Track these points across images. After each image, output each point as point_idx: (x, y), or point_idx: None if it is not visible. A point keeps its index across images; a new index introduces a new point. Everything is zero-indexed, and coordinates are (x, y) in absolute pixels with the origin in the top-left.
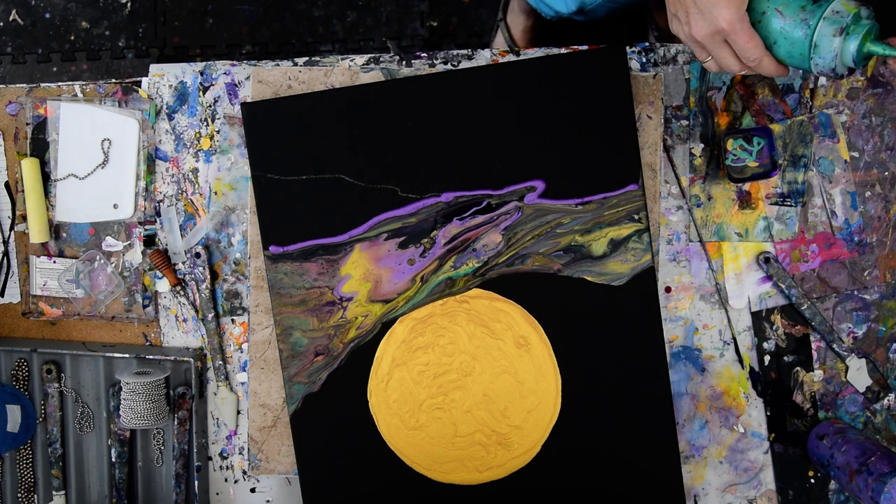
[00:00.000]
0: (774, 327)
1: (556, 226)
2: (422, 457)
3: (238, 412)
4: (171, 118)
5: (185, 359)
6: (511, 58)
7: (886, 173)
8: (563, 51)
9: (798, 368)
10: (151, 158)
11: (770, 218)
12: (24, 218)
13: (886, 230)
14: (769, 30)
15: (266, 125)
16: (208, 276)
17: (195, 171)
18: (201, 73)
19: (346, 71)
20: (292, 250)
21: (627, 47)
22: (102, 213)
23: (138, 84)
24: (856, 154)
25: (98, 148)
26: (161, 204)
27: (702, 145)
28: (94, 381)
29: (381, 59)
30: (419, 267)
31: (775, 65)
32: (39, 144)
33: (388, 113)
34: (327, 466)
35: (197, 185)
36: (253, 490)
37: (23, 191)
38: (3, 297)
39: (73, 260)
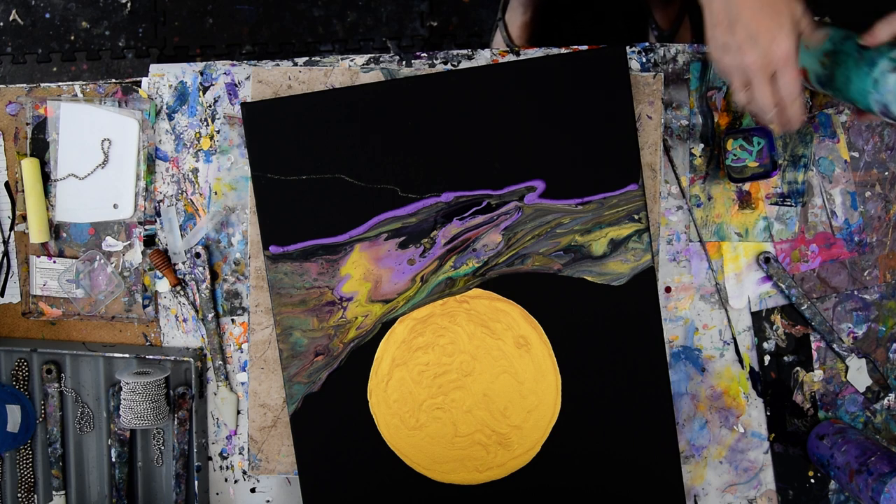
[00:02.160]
0: (774, 327)
1: (556, 226)
2: (422, 457)
3: (238, 412)
4: (171, 118)
5: (185, 359)
6: (511, 58)
7: (886, 173)
8: (563, 51)
9: (798, 368)
10: (151, 158)
11: (770, 218)
12: (24, 218)
13: (886, 230)
14: (838, 64)
15: (266, 125)
16: (208, 276)
17: (195, 171)
18: (201, 73)
19: (346, 71)
20: (292, 250)
21: (627, 47)
22: (102, 213)
23: (138, 84)
24: (856, 154)
25: (98, 148)
26: (161, 204)
27: (702, 145)
28: (94, 381)
29: (381, 59)
30: (419, 267)
31: (802, 111)
32: (39, 144)
33: (388, 113)
34: (327, 466)
35: (197, 185)
36: (253, 490)
37: (23, 191)
38: (3, 297)
39: (73, 260)
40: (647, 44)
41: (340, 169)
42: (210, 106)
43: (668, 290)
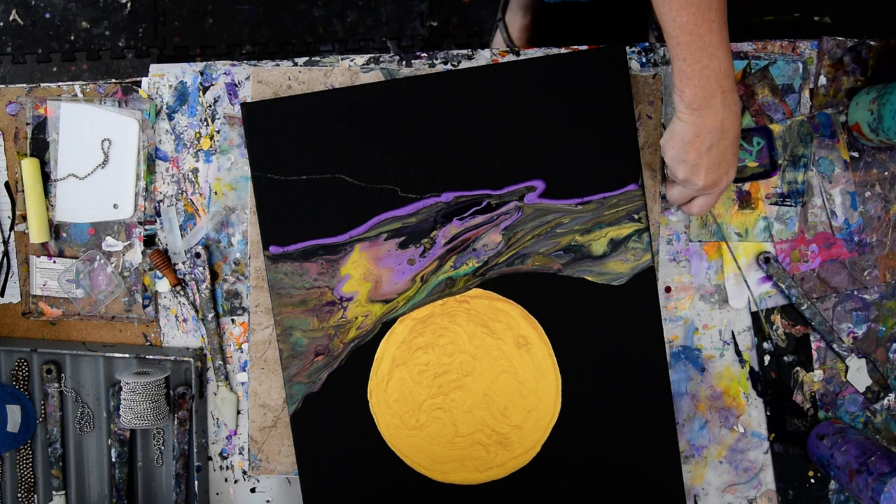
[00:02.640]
0: (774, 327)
1: (556, 226)
2: (422, 457)
3: (238, 412)
4: (171, 118)
5: (185, 359)
6: (511, 58)
7: (886, 173)
8: (563, 51)
9: (798, 368)
10: (151, 158)
11: (770, 218)
12: (24, 218)
13: (886, 230)
14: (884, 104)
15: (266, 125)
16: (208, 276)
17: (195, 171)
18: (201, 73)
19: (346, 71)
20: (292, 250)
21: (627, 47)
22: (102, 213)
23: (138, 84)
24: (856, 154)
25: (98, 148)
26: (161, 204)
27: None
28: (94, 381)
29: (381, 59)
30: (419, 267)
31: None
32: (39, 144)
33: (388, 113)
34: (327, 466)
35: (197, 185)
36: (253, 490)
37: (23, 191)
38: (3, 297)
39: (73, 260)
40: (647, 44)
41: (340, 169)
42: (210, 106)
43: (668, 290)
